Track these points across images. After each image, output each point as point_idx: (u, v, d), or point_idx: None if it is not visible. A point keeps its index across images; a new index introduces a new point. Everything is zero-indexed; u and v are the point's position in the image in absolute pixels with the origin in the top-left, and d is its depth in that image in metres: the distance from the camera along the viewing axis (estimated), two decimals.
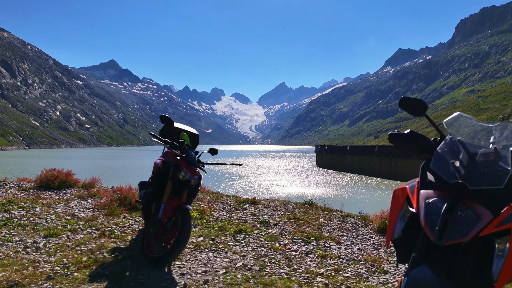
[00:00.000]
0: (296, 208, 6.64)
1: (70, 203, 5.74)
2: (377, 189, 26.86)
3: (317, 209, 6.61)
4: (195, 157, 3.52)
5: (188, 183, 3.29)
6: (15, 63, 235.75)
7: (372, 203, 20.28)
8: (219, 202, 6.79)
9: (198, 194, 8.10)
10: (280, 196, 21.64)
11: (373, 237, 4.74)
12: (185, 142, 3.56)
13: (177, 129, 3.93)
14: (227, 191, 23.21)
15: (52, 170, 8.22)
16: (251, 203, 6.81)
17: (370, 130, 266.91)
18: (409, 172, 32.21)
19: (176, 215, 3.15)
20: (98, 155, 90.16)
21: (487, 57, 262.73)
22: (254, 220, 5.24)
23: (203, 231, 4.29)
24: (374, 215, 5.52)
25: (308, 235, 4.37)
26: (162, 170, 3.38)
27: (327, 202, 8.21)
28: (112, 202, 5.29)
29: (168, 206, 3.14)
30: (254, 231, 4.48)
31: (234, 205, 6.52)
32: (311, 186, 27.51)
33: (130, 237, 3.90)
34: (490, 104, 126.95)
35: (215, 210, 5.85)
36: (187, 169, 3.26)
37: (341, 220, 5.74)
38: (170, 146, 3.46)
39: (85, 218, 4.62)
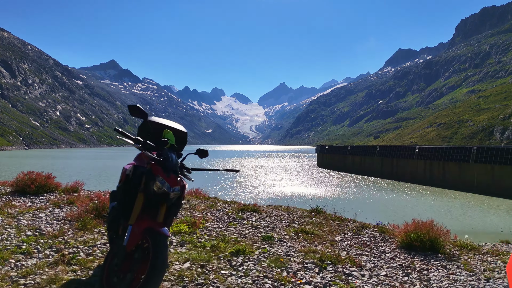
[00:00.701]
0: (302, 217, 5.81)
1: (41, 212, 4.92)
2: (382, 191, 26.02)
3: (327, 218, 5.77)
4: (177, 161, 2.62)
5: (166, 197, 2.41)
6: (15, 63, 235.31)
7: (384, 208, 19.46)
8: (214, 210, 5.96)
9: (192, 200, 7.17)
10: (282, 198, 20.80)
11: (398, 256, 3.92)
12: (168, 142, 2.67)
13: (160, 125, 2.98)
14: (226, 192, 22.39)
15: (30, 173, 7.41)
16: (251, 211, 5.98)
17: (371, 130, 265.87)
18: (410, 172, 31.57)
19: (149, 241, 2.30)
20: (98, 155, 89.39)
21: (487, 57, 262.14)
22: (254, 235, 4.40)
23: (192, 252, 3.42)
24: (396, 228, 4.69)
25: (322, 256, 3.53)
26: (132, 178, 2.53)
27: (335, 206, 7.40)
28: (87, 212, 4.47)
29: (136, 230, 2.29)
30: (255, 251, 3.63)
31: (232, 213, 5.69)
32: (314, 188, 26.70)
33: (98, 262, 3.06)
34: (491, 104, 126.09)
35: (209, 221, 5.02)
36: (164, 177, 2.40)
37: (356, 233, 4.91)
38: (142, 146, 2.56)
39: (50, 234, 3.80)
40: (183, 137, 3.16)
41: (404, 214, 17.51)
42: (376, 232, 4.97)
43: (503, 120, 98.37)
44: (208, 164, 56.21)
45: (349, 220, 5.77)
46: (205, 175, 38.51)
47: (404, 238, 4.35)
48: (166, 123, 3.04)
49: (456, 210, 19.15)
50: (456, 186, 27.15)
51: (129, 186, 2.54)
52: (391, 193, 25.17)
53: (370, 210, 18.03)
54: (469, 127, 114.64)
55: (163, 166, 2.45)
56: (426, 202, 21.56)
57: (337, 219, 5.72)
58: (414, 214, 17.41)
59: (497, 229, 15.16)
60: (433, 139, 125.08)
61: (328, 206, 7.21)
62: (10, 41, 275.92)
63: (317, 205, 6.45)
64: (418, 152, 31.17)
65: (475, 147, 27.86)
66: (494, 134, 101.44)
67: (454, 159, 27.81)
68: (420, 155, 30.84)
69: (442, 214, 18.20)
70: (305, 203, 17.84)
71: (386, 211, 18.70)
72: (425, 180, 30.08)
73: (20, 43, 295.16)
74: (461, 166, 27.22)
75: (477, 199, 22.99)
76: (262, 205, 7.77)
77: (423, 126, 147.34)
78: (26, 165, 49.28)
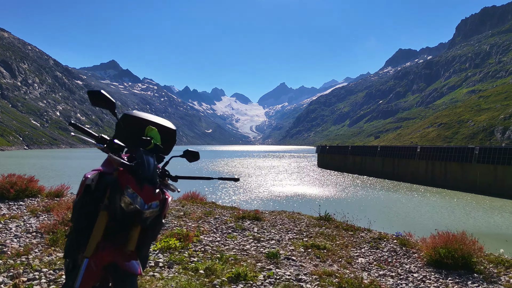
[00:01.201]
0: (310, 226, 5.19)
1: (14, 222, 4.30)
2: (385, 192, 25.40)
3: (338, 228, 5.14)
4: (157, 166, 1.91)
5: (138, 216, 1.71)
6: (15, 63, 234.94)
7: (390, 211, 18.82)
8: (212, 218, 5.33)
9: (188, 206, 6.51)
10: (284, 200, 20.16)
11: (428, 278, 3.29)
12: (152, 141, 2.00)
13: (142, 120, 2.17)
14: (226, 194, 21.74)
15: (11, 175, 6.79)
16: (252, 219, 5.36)
17: (371, 130, 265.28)
18: (412, 172, 31.14)
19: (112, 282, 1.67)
20: (97, 155, 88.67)
21: (488, 57, 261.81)
22: (257, 250, 3.76)
23: (181, 278, 2.74)
24: (421, 241, 4.06)
25: (341, 281, 2.88)
26: (95, 191, 1.81)
27: (343, 212, 6.77)
28: (62, 224, 3.84)
29: (93, 265, 1.61)
30: (259, 274, 2.96)
31: (231, 222, 5.06)
32: (316, 189, 26.09)
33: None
34: (492, 104, 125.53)
35: (205, 233, 4.38)
36: (136, 189, 1.70)
37: (373, 246, 4.28)
38: (107, 146, 1.90)
39: (12, 252, 3.16)
40: (171, 136, 2.28)
41: (411, 218, 16.90)
42: (395, 244, 4.34)
43: (503, 120, 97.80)
44: (206, 166, 55.56)
45: (363, 230, 5.14)
46: (205, 175, 37.70)
47: (432, 253, 3.72)
48: (149, 118, 2.22)
49: (459, 210, 18.73)
50: (458, 186, 26.80)
51: (90, 200, 1.80)
52: (394, 194, 24.59)
53: (377, 214, 17.41)
54: (470, 127, 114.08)
55: (136, 173, 1.75)
56: (428, 202, 21.10)
57: (349, 228, 5.09)
58: (422, 217, 16.79)
59: (502, 230, 14.78)
60: (433, 139, 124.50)
61: (335, 211, 6.60)
62: (10, 41, 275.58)
63: (326, 212, 5.85)
64: (419, 152, 30.73)
65: (478, 147, 27.50)
66: (494, 134, 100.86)
67: (456, 159, 27.42)
68: (421, 155, 30.42)
69: (444, 214, 17.71)
70: (310, 208, 17.28)
71: (393, 214, 18.09)
72: (427, 180, 29.67)
73: (20, 43, 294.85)
74: (463, 166, 26.85)
75: (480, 200, 22.71)
76: (265, 210, 7.12)
77: (424, 126, 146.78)
78: (25, 165, 48.57)
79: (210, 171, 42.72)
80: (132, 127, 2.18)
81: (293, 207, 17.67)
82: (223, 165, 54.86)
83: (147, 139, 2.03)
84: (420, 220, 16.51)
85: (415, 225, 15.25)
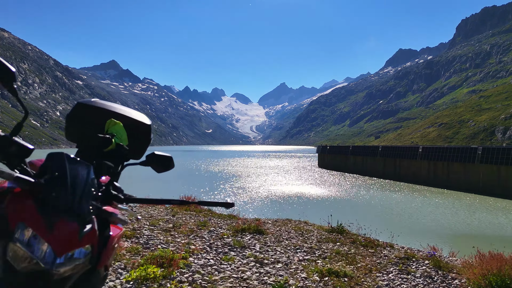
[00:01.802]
0: (322, 241, 4.45)
1: None
2: (388, 193, 24.67)
3: (355, 243, 4.38)
4: (92, 183, 1.03)
5: (44, 280, 0.90)
6: (15, 63, 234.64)
7: (398, 214, 18.05)
8: (206, 231, 4.57)
9: (180, 215, 5.69)
10: (286, 201, 19.41)
11: None
12: (112, 140, 1.32)
13: (106, 112, 1.51)
14: (226, 196, 20.95)
15: None
16: (253, 232, 4.61)
17: (371, 130, 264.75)
18: (413, 172, 30.59)
19: None
20: None
21: (488, 57, 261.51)
22: (260, 280, 2.95)
23: None
24: (462, 264, 3.27)
25: None
26: None
27: (355, 220, 6.00)
28: None
29: None
30: None
31: (228, 237, 4.30)
32: (318, 190, 25.36)
33: None
34: (492, 104, 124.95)
35: (196, 252, 3.59)
36: (39, 228, 0.91)
37: (403, 269, 3.50)
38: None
39: None
40: (144, 133, 1.51)
41: (414, 219, 16.14)
42: (428, 267, 3.56)
43: (504, 120, 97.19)
44: (206, 166, 54.80)
45: (384, 245, 4.38)
46: (205, 175, 36.94)
47: (482, 282, 2.93)
48: (113, 109, 1.52)
49: (462, 211, 18.19)
50: (460, 187, 26.35)
51: None
52: (395, 194, 23.90)
53: (382, 217, 16.66)
54: (471, 127, 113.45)
55: (42, 200, 0.97)
56: (431, 203, 20.61)
57: (368, 243, 4.34)
58: (425, 219, 16.01)
59: (507, 231, 14.25)
60: (434, 139, 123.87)
61: (343, 216, 5.85)
62: (10, 41, 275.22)
63: (338, 223, 5.12)
64: (421, 152, 30.22)
65: (481, 147, 27.02)
66: (495, 134, 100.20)
67: (458, 159, 26.96)
68: (423, 156, 29.93)
69: (448, 216, 17.11)
70: (316, 212, 16.46)
71: (396, 215, 17.34)
72: (429, 180, 29.16)
73: (20, 43, 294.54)
74: (466, 166, 26.39)
75: (483, 200, 22.25)
76: (267, 219, 6.35)
77: (424, 126, 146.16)
78: None
79: (209, 172, 41.91)
80: (89, 121, 1.52)
81: (298, 211, 16.85)
82: (223, 165, 54.09)
83: (106, 137, 1.35)
84: (424, 221, 15.86)
85: (420, 227, 14.53)
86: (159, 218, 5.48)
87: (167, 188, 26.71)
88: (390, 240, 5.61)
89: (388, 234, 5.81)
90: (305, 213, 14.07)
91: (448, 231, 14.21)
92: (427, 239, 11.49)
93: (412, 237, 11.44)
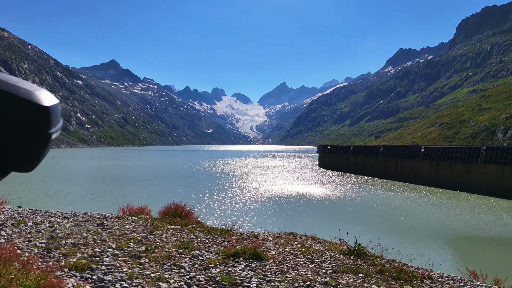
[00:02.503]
0: (338, 270, 3.58)
1: None
2: (391, 193, 25.05)
3: (383, 273, 3.54)
4: None
5: None
6: (15, 63, 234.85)
7: (400, 215, 18.51)
8: (187, 257, 3.65)
9: (159, 231, 4.77)
10: (287, 205, 19.77)
11: None
12: None
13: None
14: (222, 201, 21.03)
15: None
16: (250, 257, 3.69)
17: (372, 130, 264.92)
18: (415, 173, 30.75)
19: None
20: (97, 155, 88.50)
21: (489, 57, 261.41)
22: None
23: None
24: None
25: None
26: None
27: (363, 224, 6.40)
28: None
29: None
30: None
31: (216, 266, 3.42)
32: (321, 191, 25.68)
33: None
34: (493, 104, 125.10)
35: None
36: None
37: None
38: None
39: None
40: (35, 120, 0.58)
41: (418, 221, 16.57)
42: None
43: (505, 120, 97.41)
44: (206, 166, 55.14)
45: (422, 276, 3.66)
46: (204, 176, 37.24)
47: None
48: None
49: (467, 212, 18.28)
50: (463, 187, 26.25)
51: None
52: (400, 195, 24.24)
53: (401, 225, 17.01)
54: (471, 127, 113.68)
55: None
56: (434, 204, 20.73)
57: (400, 274, 3.49)
58: (429, 220, 16.41)
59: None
60: (434, 139, 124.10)
61: (356, 227, 6.20)
62: (10, 41, 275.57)
63: (356, 243, 4.42)
64: (423, 152, 30.31)
65: (484, 147, 26.93)
66: (496, 134, 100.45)
67: (462, 159, 26.84)
68: (426, 156, 29.99)
69: (452, 216, 17.34)
70: (323, 221, 16.64)
71: (398, 216, 17.74)
72: (431, 181, 29.18)
73: (20, 43, 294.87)
74: (469, 166, 26.31)
75: (487, 201, 22.27)
76: (267, 234, 5.92)
77: (425, 126, 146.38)
78: None
79: (209, 172, 42.25)
80: None
81: (302, 217, 16.97)
82: (223, 165, 54.39)
83: None
84: (428, 223, 16.12)
85: (426, 229, 14.87)
86: (132, 237, 4.49)
87: (162, 190, 26.85)
88: (419, 261, 4.93)
89: (410, 248, 5.41)
90: (310, 220, 14.09)
91: (454, 233, 14.18)
92: (452, 251, 11.46)
93: (437, 250, 11.17)
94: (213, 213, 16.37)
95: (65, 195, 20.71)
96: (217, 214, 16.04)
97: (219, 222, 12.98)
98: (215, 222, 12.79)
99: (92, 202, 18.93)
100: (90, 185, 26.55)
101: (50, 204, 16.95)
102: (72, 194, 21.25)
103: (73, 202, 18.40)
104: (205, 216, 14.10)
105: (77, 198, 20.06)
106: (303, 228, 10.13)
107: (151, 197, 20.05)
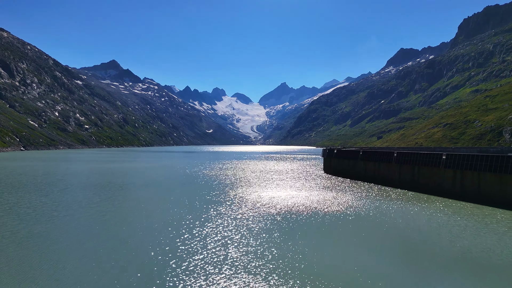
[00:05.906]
0: None
1: None
2: (412, 207, 22.34)
3: None
4: None
5: None
6: (13, 63, 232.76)
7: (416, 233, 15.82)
8: None
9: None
10: (291, 227, 17.17)
11: None
12: None
13: None
14: (217, 203, 18.67)
15: None
16: None
17: (373, 130, 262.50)
18: (436, 183, 27.65)
19: None
20: (95, 157, 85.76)
21: (491, 57, 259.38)
22: None
23: None
24: None
25: None
26: None
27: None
28: None
29: None
30: None
31: None
32: (331, 207, 23.09)
33: None
34: (499, 104, 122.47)
35: None
36: None
37: None
38: None
39: None
40: None
41: (438, 243, 13.90)
42: None
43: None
44: (202, 171, 52.69)
45: None
46: (204, 176, 34.72)
47: None
48: None
49: (504, 235, 15.40)
50: (495, 202, 22.67)
51: None
52: (415, 206, 21.56)
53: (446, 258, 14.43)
54: (477, 128, 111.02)
55: None
56: (462, 222, 18.08)
57: None
58: (455, 245, 13.55)
59: None
60: (439, 139, 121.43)
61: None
62: (9, 41, 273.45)
63: None
64: (445, 159, 27.11)
65: None
66: (503, 135, 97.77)
67: (492, 169, 23.09)
68: (448, 163, 26.55)
69: (489, 242, 14.62)
70: (344, 258, 14.09)
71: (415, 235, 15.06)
72: (455, 193, 25.62)
73: (19, 43, 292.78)
74: (502, 178, 22.46)
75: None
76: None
77: (429, 126, 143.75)
78: (21, 167, 45.72)
79: (207, 178, 39.67)
80: None
81: (313, 250, 14.56)
82: (220, 170, 51.81)
83: None
84: (455, 250, 13.47)
85: (454, 258, 12.17)
86: None
87: (145, 207, 24.28)
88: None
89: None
90: (319, 246, 11.71)
91: (486, 264, 11.95)
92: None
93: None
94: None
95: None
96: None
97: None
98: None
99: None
100: (46, 199, 24.00)
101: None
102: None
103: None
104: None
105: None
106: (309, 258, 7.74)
107: (121, 231, 17.45)
